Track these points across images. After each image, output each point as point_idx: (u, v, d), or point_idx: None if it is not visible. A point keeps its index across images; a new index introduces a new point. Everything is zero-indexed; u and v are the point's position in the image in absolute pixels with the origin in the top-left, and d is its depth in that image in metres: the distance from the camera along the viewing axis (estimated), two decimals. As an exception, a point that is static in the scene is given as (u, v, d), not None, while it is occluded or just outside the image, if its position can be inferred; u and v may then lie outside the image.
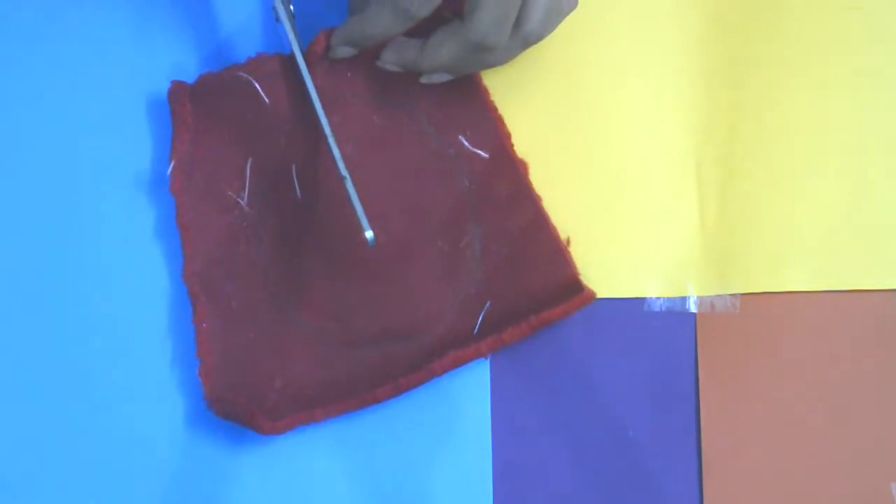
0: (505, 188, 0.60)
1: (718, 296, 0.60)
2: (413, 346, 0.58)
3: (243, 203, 0.59)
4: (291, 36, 0.57)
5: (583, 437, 0.60)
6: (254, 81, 0.59)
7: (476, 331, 0.59)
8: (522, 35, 0.55)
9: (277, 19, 0.58)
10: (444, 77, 0.57)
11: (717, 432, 0.60)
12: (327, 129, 0.56)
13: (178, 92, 0.59)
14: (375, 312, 0.59)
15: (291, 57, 0.58)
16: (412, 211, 0.59)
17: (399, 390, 0.58)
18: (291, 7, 0.58)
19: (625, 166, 0.61)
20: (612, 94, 0.61)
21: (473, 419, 0.59)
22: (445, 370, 0.58)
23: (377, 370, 0.58)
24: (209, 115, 0.59)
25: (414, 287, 0.59)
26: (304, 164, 0.59)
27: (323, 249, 0.59)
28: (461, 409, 0.59)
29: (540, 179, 0.61)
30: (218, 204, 0.59)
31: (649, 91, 0.61)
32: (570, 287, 0.59)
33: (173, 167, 0.59)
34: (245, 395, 0.58)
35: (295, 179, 0.59)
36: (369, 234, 0.55)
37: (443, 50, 0.56)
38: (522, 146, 0.61)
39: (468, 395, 0.59)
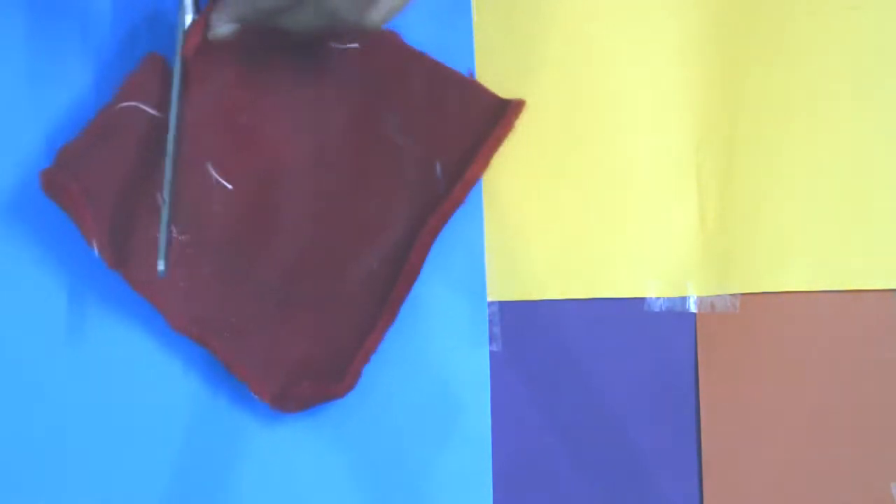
0: (390, 62, 0.60)
1: (718, 296, 0.60)
2: (399, 238, 0.59)
3: (175, 234, 0.58)
4: (181, 33, 0.57)
5: (583, 436, 0.60)
6: (139, 104, 0.58)
7: (443, 189, 0.59)
8: (359, 22, 0.55)
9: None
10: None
11: (716, 432, 0.60)
12: (171, 148, 0.56)
13: (50, 179, 0.57)
14: (351, 246, 0.59)
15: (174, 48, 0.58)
16: (323, 146, 0.60)
17: (411, 276, 0.58)
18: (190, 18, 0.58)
19: (625, 166, 0.61)
20: (612, 94, 0.62)
21: (474, 418, 0.59)
22: (436, 232, 0.58)
23: (385, 278, 0.59)
24: (96, 179, 0.57)
25: (370, 204, 0.60)
26: (221, 153, 0.59)
27: (277, 222, 0.59)
28: (461, 408, 0.59)
29: (540, 179, 0.61)
30: (154, 251, 0.57)
31: (649, 91, 0.62)
32: (498, 107, 0.60)
33: (98, 247, 0.57)
34: (308, 379, 0.57)
35: (215, 174, 0.59)
36: (161, 264, 0.55)
37: (301, 15, 0.55)
38: (522, 146, 0.61)
39: (468, 393, 0.59)
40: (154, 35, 0.61)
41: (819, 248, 0.61)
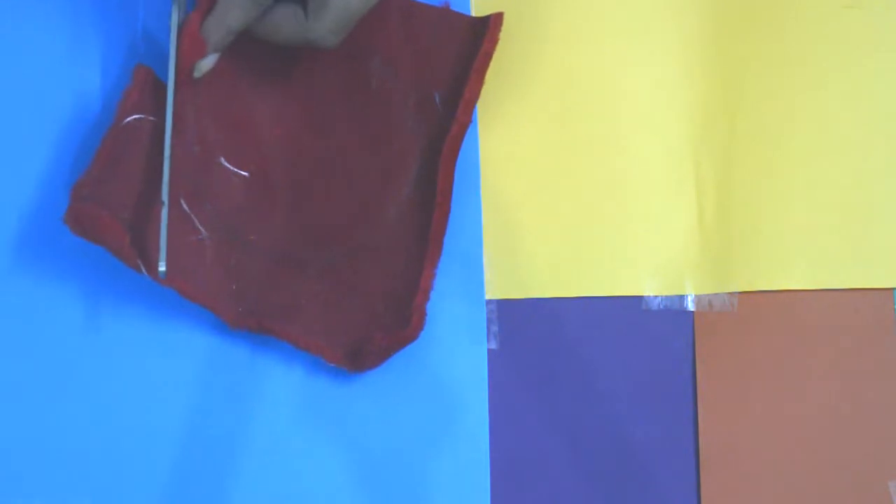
0: None
1: (716, 294, 0.61)
2: (418, 175, 0.59)
3: (205, 237, 0.58)
4: (174, 42, 0.57)
5: (581, 434, 0.60)
6: (142, 117, 0.58)
7: (447, 115, 0.59)
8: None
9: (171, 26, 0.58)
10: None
11: (714, 430, 0.60)
12: (167, 150, 0.56)
13: (76, 215, 0.55)
14: (373, 197, 0.60)
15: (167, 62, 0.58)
16: (322, 110, 0.60)
17: (445, 206, 0.58)
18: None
19: (623, 165, 0.61)
20: (611, 92, 0.62)
21: (472, 416, 0.59)
22: (454, 157, 0.58)
23: (418, 216, 0.59)
24: (122, 201, 0.56)
25: (381, 151, 0.60)
26: (228, 144, 0.59)
27: (297, 196, 0.60)
28: (460, 406, 0.59)
29: (539, 178, 0.61)
30: (195, 258, 0.58)
31: (648, 89, 0.62)
32: (478, 25, 0.60)
33: (145, 268, 0.56)
34: (377, 332, 0.57)
35: (229, 166, 0.59)
36: (162, 266, 0.54)
37: (280, 33, 0.57)
38: (516, 145, 0.61)
39: (467, 391, 0.59)
40: (148, 41, 0.62)
41: (817, 246, 0.61)
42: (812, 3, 0.62)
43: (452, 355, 0.60)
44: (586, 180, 0.61)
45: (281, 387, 0.59)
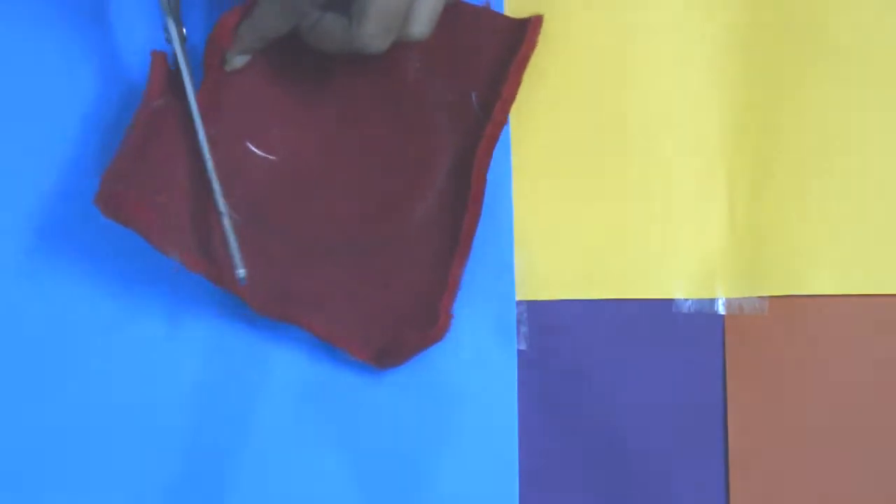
0: None
1: (747, 298, 0.60)
2: (450, 174, 0.59)
3: (236, 217, 0.58)
4: (181, 57, 0.57)
5: (609, 435, 0.60)
6: (168, 101, 0.58)
7: (483, 115, 0.59)
8: (403, 36, 0.56)
9: (168, 40, 0.58)
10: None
11: (744, 435, 0.59)
12: (209, 162, 0.56)
13: (106, 199, 0.56)
14: (403, 192, 0.60)
15: (178, 73, 0.58)
16: (354, 104, 0.60)
17: (477, 206, 0.58)
18: (184, 30, 0.58)
19: (654, 167, 0.61)
20: (642, 93, 0.62)
21: (501, 416, 0.59)
22: (489, 156, 0.58)
23: (448, 214, 0.59)
24: (152, 185, 0.57)
25: (413, 148, 0.60)
26: (256, 128, 0.59)
27: (326, 186, 0.60)
28: (489, 406, 0.59)
29: (568, 179, 0.61)
30: (222, 242, 0.57)
31: (679, 90, 0.61)
32: (517, 27, 0.60)
33: (174, 253, 0.56)
34: (404, 329, 0.58)
35: (256, 150, 0.59)
36: (241, 272, 0.55)
37: (330, 43, 0.57)
38: (548, 145, 0.61)
39: (496, 392, 0.59)
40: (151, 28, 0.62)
41: (849, 251, 0.60)
42: (849, 5, 0.61)
43: (481, 356, 0.60)
44: (617, 182, 0.61)
45: (297, 388, 0.59)
